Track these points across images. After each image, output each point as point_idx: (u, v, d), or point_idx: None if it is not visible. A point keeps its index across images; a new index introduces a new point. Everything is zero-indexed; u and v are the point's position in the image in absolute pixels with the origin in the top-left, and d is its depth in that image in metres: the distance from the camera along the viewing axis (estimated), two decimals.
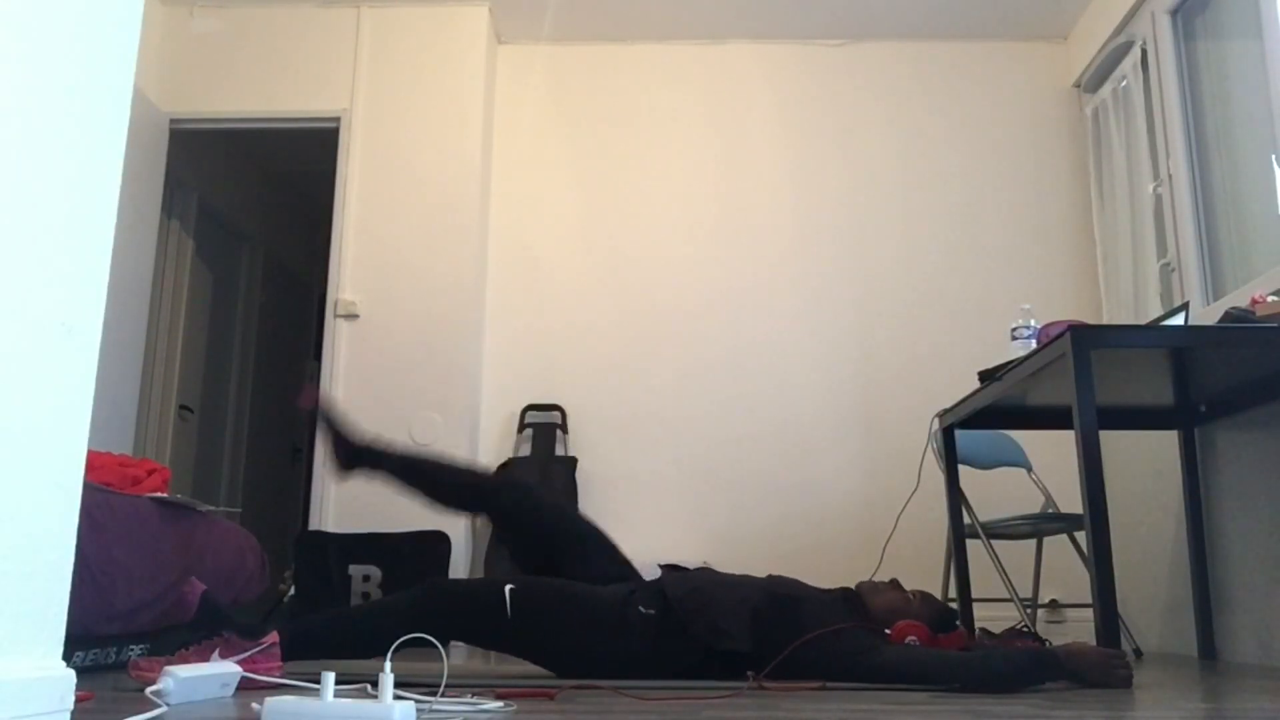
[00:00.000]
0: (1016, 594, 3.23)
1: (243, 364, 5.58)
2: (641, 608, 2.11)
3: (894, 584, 2.26)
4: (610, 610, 2.11)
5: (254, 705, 1.44)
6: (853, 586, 2.31)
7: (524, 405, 4.31)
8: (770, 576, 2.27)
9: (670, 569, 2.32)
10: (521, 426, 4.28)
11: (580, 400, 4.33)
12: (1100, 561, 2.21)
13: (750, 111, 4.58)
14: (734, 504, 4.20)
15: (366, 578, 3.70)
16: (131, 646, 2.48)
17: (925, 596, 2.25)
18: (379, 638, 2.01)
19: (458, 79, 4.37)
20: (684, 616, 2.09)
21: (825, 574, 4.02)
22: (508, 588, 2.10)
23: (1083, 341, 2.32)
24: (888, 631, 2.13)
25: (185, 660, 1.85)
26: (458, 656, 3.04)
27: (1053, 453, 3.92)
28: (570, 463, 4.19)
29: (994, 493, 3.80)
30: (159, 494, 2.67)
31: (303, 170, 5.64)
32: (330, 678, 1.37)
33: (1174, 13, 3.79)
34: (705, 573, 2.26)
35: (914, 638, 2.09)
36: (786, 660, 2.01)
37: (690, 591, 2.13)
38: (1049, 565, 3.78)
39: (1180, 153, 3.69)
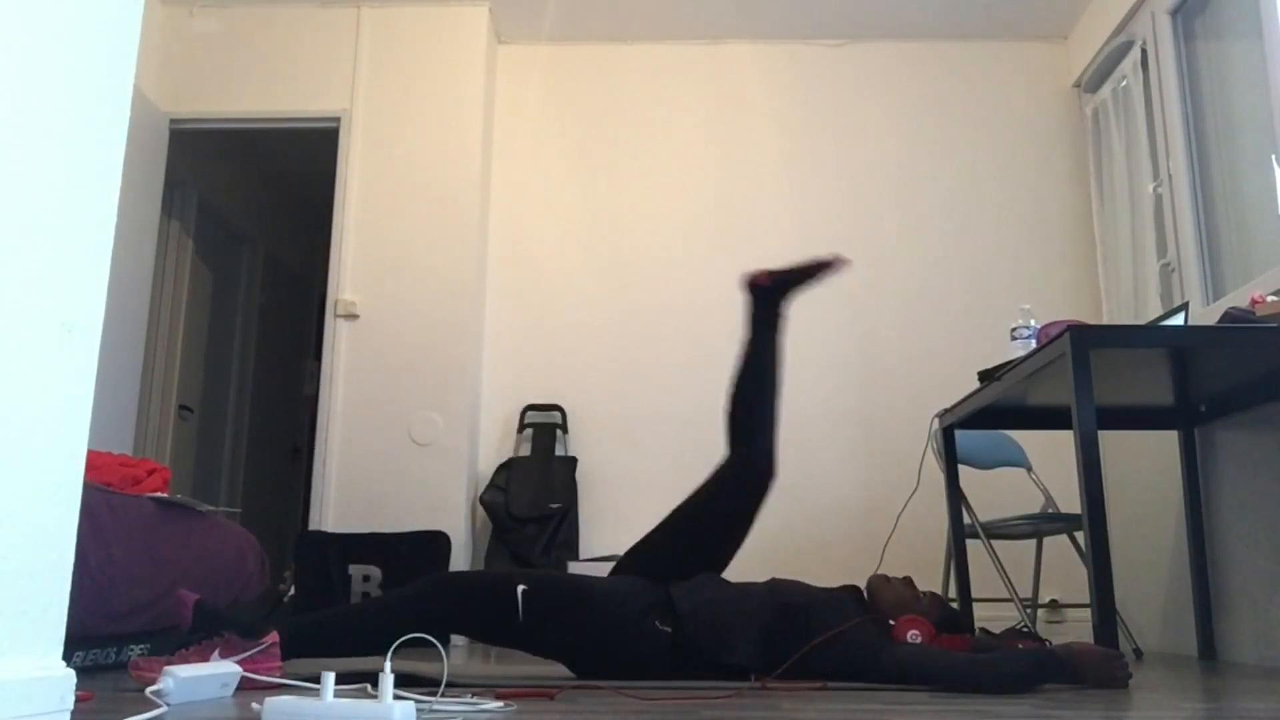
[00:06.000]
0: (1016, 594, 3.23)
1: (243, 364, 5.58)
2: (658, 623, 2.07)
3: (907, 581, 2.25)
4: (627, 622, 2.06)
5: (254, 705, 1.44)
6: (863, 583, 2.31)
7: (524, 405, 4.31)
8: (772, 580, 2.25)
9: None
10: (521, 426, 4.28)
11: (580, 400, 4.32)
12: (1099, 561, 2.21)
13: (750, 111, 4.58)
14: None
15: (366, 578, 3.70)
16: (131, 646, 2.48)
17: (935, 597, 2.24)
18: (382, 633, 1.96)
19: (458, 79, 4.37)
20: (694, 633, 2.06)
21: (826, 573, 4.03)
22: (520, 588, 2.04)
23: (1082, 341, 2.32)
24: (892, 623, 2.12)
25: (185, 660, 1.84)
26: (458, 656, 3.04)
27: (1053, 453, 3.92)
28: (570, 463, 4.19)
29: (994, 493, 3.80)
30: (159, 494, 2.67)
31: (303, 170, 5.64)
32: (330, 678, 1.37)
33: (1174, 13, 3.78)
34: (711, 585, 2.20)
35: (916, 632, 2.09)
36: (796, 664, 2.00)
37: (699, 606, 2.10)
38: (1049, 565, 3.79)
39: (1180, 153, 3.69)
